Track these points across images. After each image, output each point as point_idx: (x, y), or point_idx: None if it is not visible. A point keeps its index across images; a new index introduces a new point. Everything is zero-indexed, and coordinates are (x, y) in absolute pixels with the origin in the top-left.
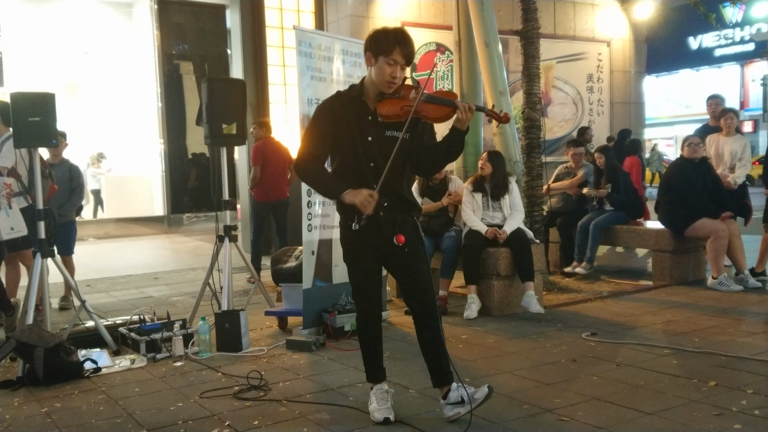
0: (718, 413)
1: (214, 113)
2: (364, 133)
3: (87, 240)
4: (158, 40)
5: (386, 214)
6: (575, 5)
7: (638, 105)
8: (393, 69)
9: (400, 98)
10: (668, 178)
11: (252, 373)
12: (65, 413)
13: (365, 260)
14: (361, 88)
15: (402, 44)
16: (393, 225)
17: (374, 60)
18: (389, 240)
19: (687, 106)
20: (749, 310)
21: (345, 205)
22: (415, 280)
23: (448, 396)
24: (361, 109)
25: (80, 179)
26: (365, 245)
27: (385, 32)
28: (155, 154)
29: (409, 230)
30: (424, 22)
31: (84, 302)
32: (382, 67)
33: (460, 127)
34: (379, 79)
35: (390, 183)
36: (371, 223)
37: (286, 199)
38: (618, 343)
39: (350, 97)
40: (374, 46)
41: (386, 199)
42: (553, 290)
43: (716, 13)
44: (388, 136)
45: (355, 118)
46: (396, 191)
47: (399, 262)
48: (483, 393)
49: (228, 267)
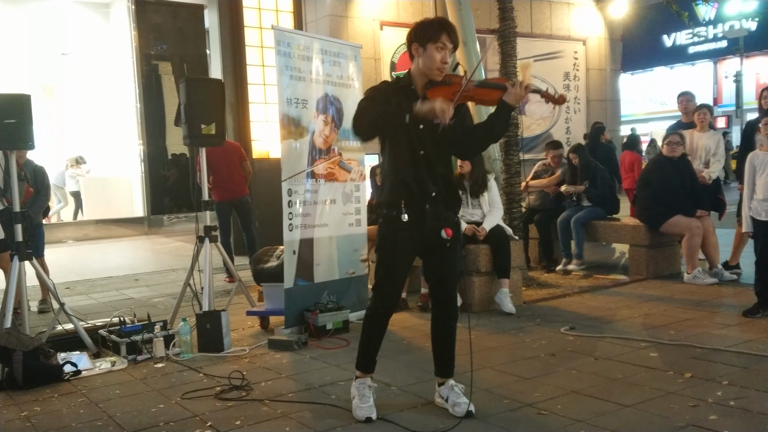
0: (694, 404)
1: (192, 114)
2: (416, 120)
3: (66, 242)
4: (136, 40)
5: (432, 207)
6: (551, 4)
7: (614, 102)
8: (443, 54)
9: (450, 85)
10: (647, 174)
11: (234, 373)
12: (45, 417)
13: (401, 255)
14: (409, 79)
15: (448, 30)
16: (437, 219)
17: (422, 49)
18: (433, 233)
19: (662, 103)
20: (723, 302)
21: (392, 197)
22: (447, 275)
23: (442, 387)
24: (412, 98)
25: (45, 180)
26: (405, 239)
27: (430, 21)
28: (134, 155)
29: (452, 226)
30: (403, 21)
31: (63, 305)
32: (431, 53)
33: (511, 102)
34: (429, 65)
35: (440, 170)
36: (417, 216)
37: (243, 197)
38: (596, 337)
39: (401, 86)
40: (421, 35)
41: (437, 187)
42: (532, 286)
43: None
44: (437, 124)
45: (407, 106)
46: (447, 178)
47: (438, 254)
48: (461, 411)
49: (209, 267)
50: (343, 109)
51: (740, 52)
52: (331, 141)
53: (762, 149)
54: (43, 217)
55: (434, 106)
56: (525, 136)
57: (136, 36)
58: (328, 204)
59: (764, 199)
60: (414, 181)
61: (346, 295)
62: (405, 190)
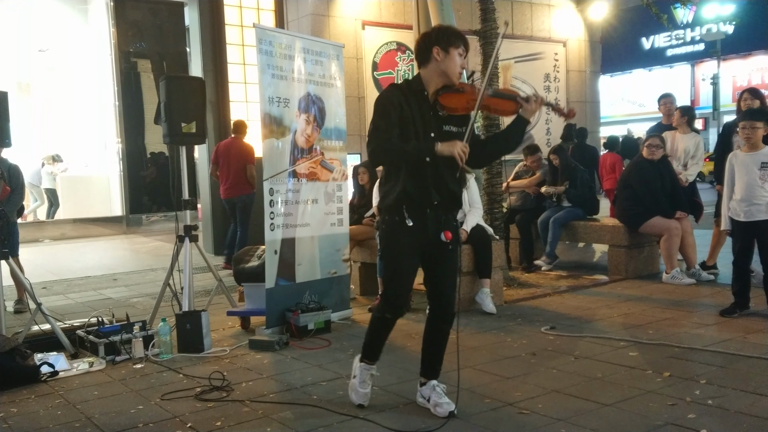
0: (673, 403)
1: (172, 112)
2: (428, 128)
3: (43, 241)
4: (115, 37)
5: (433, 212)
6: (532, 6)
7: (594, 104)
8: (463, 61)
9: (464, 92)
10: (627, 175)
11: (214, 373)
12: (22, 418)
13: (408, 259)
14: (421, 83)
15: (463, 39)
16: (438, 222)
17: (444, 53)
18: (435, 237)
19: (640, 104)
20: (701, 302)
21: (395, 203)
22: (445, 278)
23: (423, 387)
24: (424, 105)
25: (20, 179)
26: (411, 243)
27: (449, 27)
28: (113, 154)
29: (452, 230)
30: (385, 21)
31: (40, 305)
32: (455, 57)
33: (527, 116)
34: (452, 70)
35: (445, 179)
36: (419, 220)
37: (240, 196)
38: (576, 337)
39: (413, 90)
40: (444, 39)
41: (438, 196)
42: (513, 285)
43: (668, 13)
44: (446, 131)
45: (419, 113)
46: (450, 188)
47: (438, 257)
48: (443, 412)
49: (189, 267)
50: (325, 108)
51: (717, 55)
52: (313, 140)
53: (741, 150)
54: (18, 217)
55: (453, 151)
56: None
57: (114, 33)
58: (310, 203)
59: (742, 199)
60: (418, 191)
61: (327, 295)
62: (407, 198)
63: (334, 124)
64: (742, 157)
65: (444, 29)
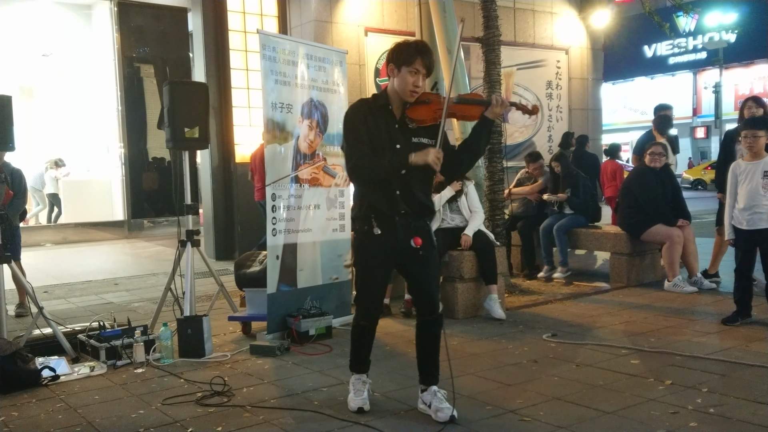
0: (675, 411)
1: (175, 117)
2: (393, 140)
3: (45, 245)
4: (118, 42)
5: (402, 219)
6: (534, 14)
7: (595, 111)
8: (415, 78)
9: (429, 103)
10: (630, 183)
11: (215, 378)
12: (23, 422)
13: (377, 267)
14: (386, 98)
15: (423, 54)
16: (408, 229)
17: (397, 71)
18: (405, 243)
19: (642, 112)
20: (703, 310)
21: (363, 211)
22: (424, 284)
23: (424, 393)
24: (389, 118)
25: (22, 183)
26: (380, 252)
27: (407, 44)
28: (115, 158)
29: (422, 235)
30: (387, 28)
31: (41, 309)
32: (405, 76)
33: (492, 117)
34: (402, 89)
35: (413, 189)
36: (389, 228)
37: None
38: (578, 344)
39: (378, 105)
40: (396, 57)
41: (405, 206)
42: (514, 292)
43: (670, 22)
44: (415, 143)
45: (384, 126)
46: (417, 197)
47: (412, 264)
48: (444, 417)
49: (190, 272)
50: (328, 114)
51: (719, 63)
52: (316, 146)
53: (744, 159)
54: (21, 221)
55: (427, 158)
56: (508, 143)
57: (118, 38)
58: (312, 209)
59: (745, 208)
60: (386, 202)
61: (329, 300)
62: (375, 209)
63: (336, 129)
64: (744, 166)
65: (401, 46)
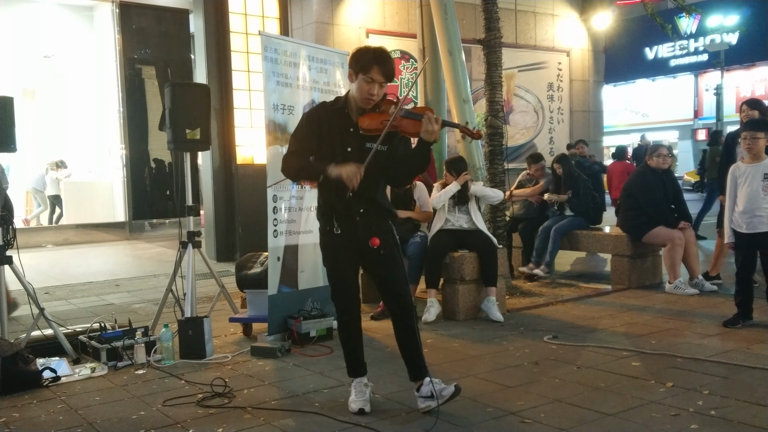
0: (676, 414)
1: (177, 118)
2: (345, 143)
3: (46, 246)
4: (120, 44)
5: (362, 219)
6: (536, 15)
7: (597, 113)
8: (370, 86)
9: (381, 113)
10: (631, 185)
11: (216, 380)
12: (24, 423)
13: (343, 263)
14: (345, 101)
15: (380, 63)
16: (369, 229)
17: (354, 76)
18: (366, 243)
19: (643, 114)
20: (704, 312)
21: (325, 212)
22: (391, 281)
23: (420, 389)
24: (344, 121)
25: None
26: (343, 249)
27: (366, 51)
28: (116, 159)
29: (384, 234)
30: (389, 29)
31: (43, 310)
32: (360, 84)
33: (427, 138)
34: (357, 95)
35: (366, 191)
36: (349, 228)
37: None
38: (579, 346)
39: (335, 108)
40: (354, 63)
41: (362, 206)
42: (515, 294)
43: (672, 23)
44: (368, 148)
45: (338, 129)
46: (372, 199)
47: (375, 264)
48: (450, 391)
49: (191, 273)
50: None
51: (721, 65)
52: None
53: (743, 161)
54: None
55: (342, 173)
56: (509, 145)
57: (119, 40)
58: (313, 210)
59: (745, 211)
60: (339, 201)
61: (330, 302)
62: (333, 209)
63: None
64: (744, 169)
65: (360, 53)
